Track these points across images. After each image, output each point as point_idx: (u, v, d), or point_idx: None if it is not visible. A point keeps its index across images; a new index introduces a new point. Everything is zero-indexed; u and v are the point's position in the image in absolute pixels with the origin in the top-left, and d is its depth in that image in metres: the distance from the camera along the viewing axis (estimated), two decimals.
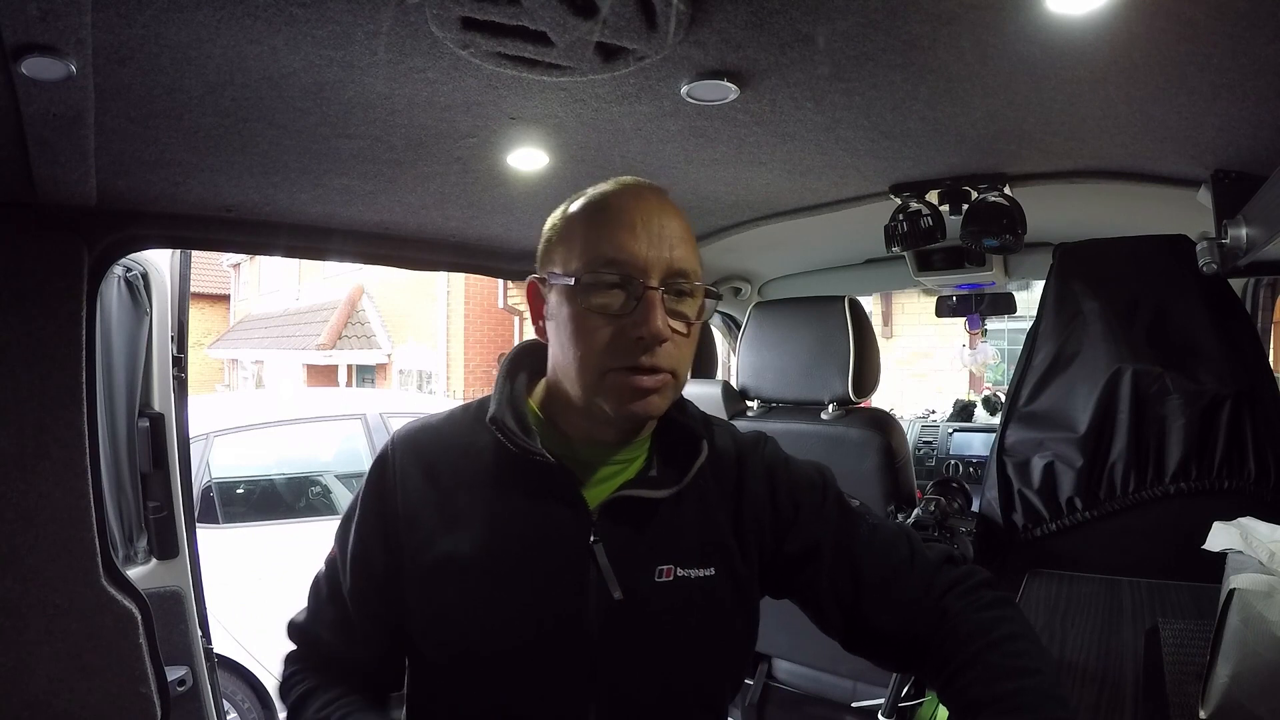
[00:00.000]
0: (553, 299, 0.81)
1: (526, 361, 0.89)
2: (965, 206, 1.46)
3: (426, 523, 0.81)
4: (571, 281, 0.77)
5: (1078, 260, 1.47)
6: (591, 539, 0.79)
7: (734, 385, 1.91)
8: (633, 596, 0.79)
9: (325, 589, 0.88)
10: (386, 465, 0.85)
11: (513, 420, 0.81)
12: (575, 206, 0.82)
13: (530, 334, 0.91)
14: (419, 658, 0.85)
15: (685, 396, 0.88)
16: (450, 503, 0.82)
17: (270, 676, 2.91)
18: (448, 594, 0.80)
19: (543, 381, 0.87)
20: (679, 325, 0.78)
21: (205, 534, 2.17)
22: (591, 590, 0.79)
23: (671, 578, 0.81)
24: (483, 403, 0.87)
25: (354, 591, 0.85)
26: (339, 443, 3.96)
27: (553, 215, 0.85)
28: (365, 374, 12.68)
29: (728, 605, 0.85)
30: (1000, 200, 1.43)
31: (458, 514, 0.81)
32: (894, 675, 1.54)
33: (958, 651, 0.78)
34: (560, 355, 0.80)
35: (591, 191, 0.82)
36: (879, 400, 3.42)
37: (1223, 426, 1.27)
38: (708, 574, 0.83)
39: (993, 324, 3.02)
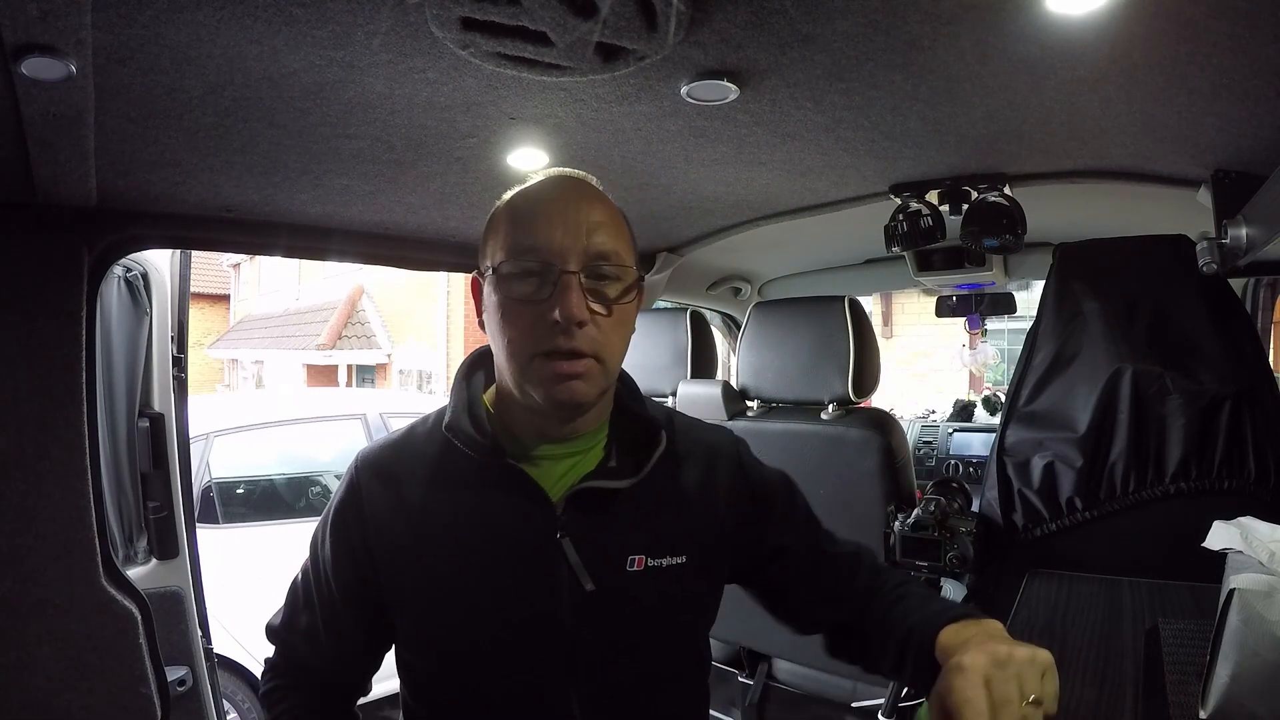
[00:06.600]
0: (485, 292, 0.83)
1: (482, 364, 0.91)
2: (965, 206, 1.46)
3: (396, 535, 0.84)
4: (495, 272, 0.80)
5: (1078, 260, 1.47)
6: (558, 533, 0.81)
7: (734, 385, 1.91)
8: (604, 587, 0.81)
9: (299, 597, 0.92)
10: (351, 486, 0.87)
11: (469, 423, 0.83)
12: (502, 202, 0.85)
13: None
14: (407, 662, 0.88)
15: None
16: (417, 513, 0.84)
17: None
18: (425, 601, 0.83)
19: (495, 383, 0.89)
20: (599, 307, 0.79)
21: (205, 534, 2.16)
22: (563, 583, 0.80)
23: (642, 567, 0.83)
24: (441, 412, 0.89)
25: (323, 604, 0.88)
26: (339, 443, 3.96)
27: (490, 214, 0.87)
28: (365, 374, 12.68)
29: (698, 591, 0.88)
30: (1000, 200, 1.43)
31: (425, 522, 0.83)
32: None
33: (883, 591, 0.87)
34: (494, 346, 0.83)
35: (519, 186, 0.85)
36: (879, 400, 3.42)
37: (1223, 426, 1.27)
38: (678, 562, 0.85)
39: (993, 324, 3.02)
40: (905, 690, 1.54)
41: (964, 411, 3.47)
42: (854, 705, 1.77)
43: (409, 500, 0.84)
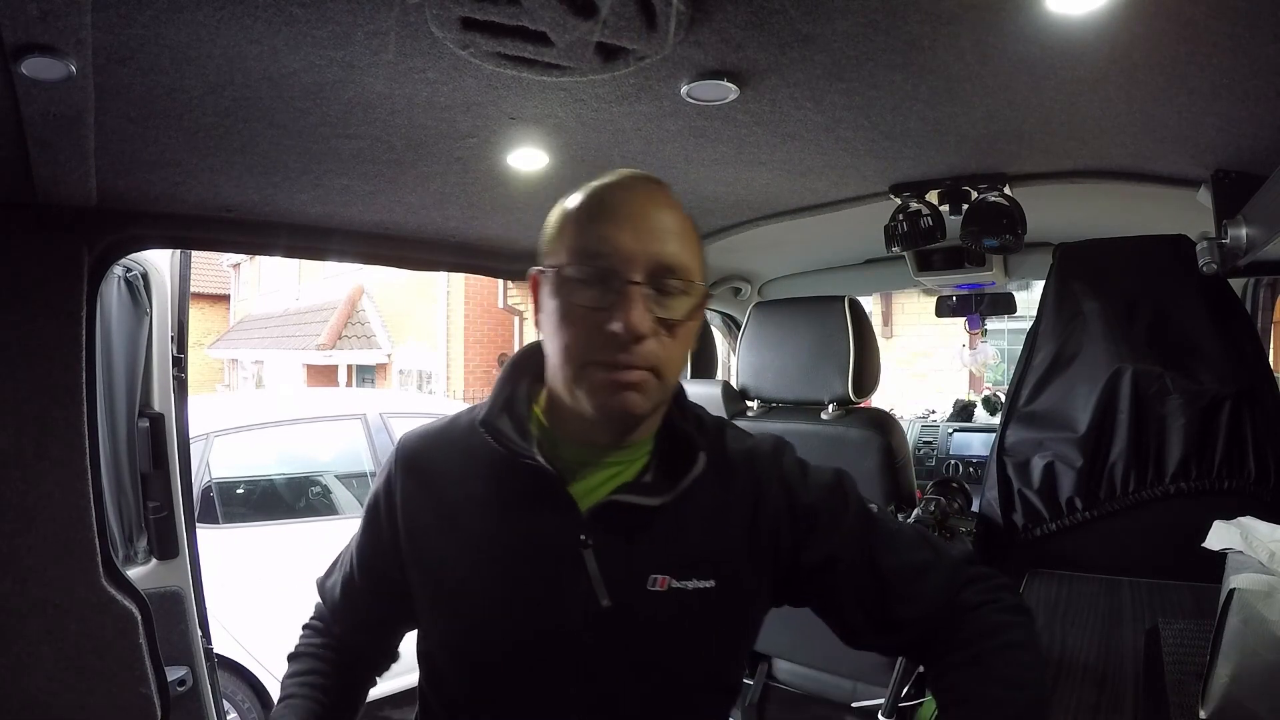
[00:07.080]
0: (544, 292, 0.79)
1: (531, 365, 0.87)
2: (965, 206, 1.46)
3: (424, 528, 0.84)
4: (557, 274, 0.76)
5: (1078, 260, 1.47)
6: (580, 544, 0.78)
7: (734, 385, 1.91)
8: (622, 605, 0.78)
9: (341, 560, 0.98)
10: (387, 473, 0.89)
11: (509, 423, 0.81)
12: (571, 200, 0.81)
13: (532, 335, 0.90)
14: (424, 651, 0.88)
15: (695, 400, 0.88)
16: (446, 508, 0.83)
17: (270, 677, 2.91)
18: (443, 595, 0.83)
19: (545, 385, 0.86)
20: (663, 324, 0.75)
21: (205, 534, 2.16)
22: (580, 596, 0.78)
23: (665, 588, 0.79)
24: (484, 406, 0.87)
25: (346, 577, 0.95)
26: (339, 443, 3.96)
27: (554, 209, 0.83)
28: (365, 374, 12.68)
29: (726, 617, 0.82)
30: (1000, 200, 1.43)
31: (453, 519, 0.83)
32: (894, 675, 1.54)
33: (960, 646, 0.79)
34: (547, 349, 0.80)
35: (590, 184, 0.81)
36: (879, 400, 3.42)
37: (1223, 426, 1.27)
38: (706, 586, 0.80)
39: (993, 324, 3.02)
40: (905, 690, 1.54)
41: (964, 411, 3.47)
42: (854, 705, 1.77)
43: (439, 493, 0.84)
